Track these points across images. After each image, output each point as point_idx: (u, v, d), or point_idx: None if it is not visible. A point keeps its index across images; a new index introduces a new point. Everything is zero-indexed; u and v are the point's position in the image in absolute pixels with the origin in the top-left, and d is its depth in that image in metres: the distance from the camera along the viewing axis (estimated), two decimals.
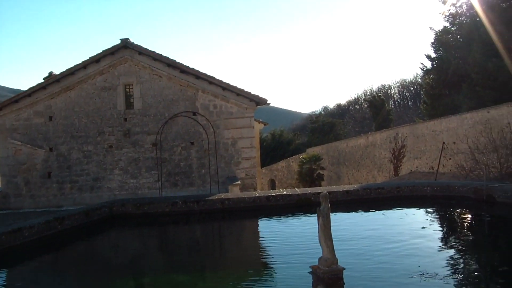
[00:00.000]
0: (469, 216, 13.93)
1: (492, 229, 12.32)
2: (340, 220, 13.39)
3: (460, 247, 10.37)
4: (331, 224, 7.19)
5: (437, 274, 7.99)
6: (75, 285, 9.58)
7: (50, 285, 9.63)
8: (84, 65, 24.37)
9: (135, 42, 24.98)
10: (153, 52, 24.43)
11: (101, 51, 23.89)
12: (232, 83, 24.63)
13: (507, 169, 20.99)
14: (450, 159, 29.75)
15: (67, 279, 10.01)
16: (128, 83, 24.63)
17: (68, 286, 9.55)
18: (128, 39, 24.16)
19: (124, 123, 24.47)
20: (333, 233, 7.16)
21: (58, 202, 24.14)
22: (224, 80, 24.61)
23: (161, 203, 15.65)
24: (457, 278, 7.99)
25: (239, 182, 22.27)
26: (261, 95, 24.55)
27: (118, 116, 24.46)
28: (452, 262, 8.98)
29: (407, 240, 10.92)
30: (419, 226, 12.26)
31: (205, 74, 24.14)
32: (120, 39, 24.16)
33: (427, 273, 8.03)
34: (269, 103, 24.97)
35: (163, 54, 24.76)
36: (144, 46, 24.51)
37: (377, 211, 15.16)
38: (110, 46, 24.42)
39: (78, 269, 10.69)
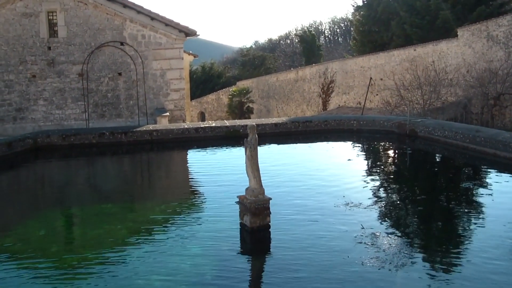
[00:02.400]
0: (393, 149, 14.41)
1: (413, 161, 12.81)
2: (267, 152, 13.53)
3: (383, 178, 10.74)
4: (259, 155, 7.22)
5: (361, 203, 8.27)
6: (1, 217, 9.31)
7: None
8: None
9: None
10: None
11: None
12: (161, 14, 23.91)
13: (430, 105, 21.72)
14: (377, 95, 30.47)
15: None
16: (51, 10, 23.40)
17: None
18: None
19: (48, 52, 23.39)
20: (260, 165, 7.20)
21: None
22: (152, 10, 23.84)
23: (88, 134, 15.26)
24: (380, 207, 8.30)
25: (167, 113, 22.00)
26: (191, 27, 24.04)
27: (41, 45, 23.33)
28: (375, 192, 9.30)
29: (333, 171, 11.20)
30: (345, 158, 12.58)
31: (133, 3, 23.27)
32: None
33: (352, 202, 8.30)
34: (199, 35, 24.55)
35: None
36: None
37: (304, 144, 15.41)
38: None
39: (2, 200, 10.37)
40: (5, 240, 7.59)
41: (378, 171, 11.56)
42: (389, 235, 6.86)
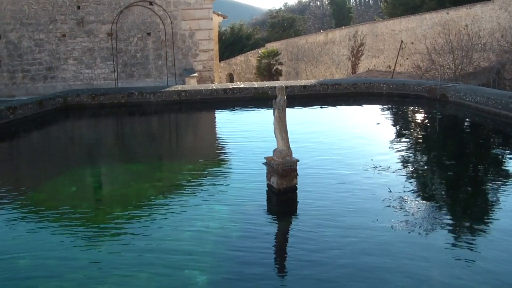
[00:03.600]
0: (422, 113, 14.17)
1: (443, 126, 12.59)
2: (295, 114, 13.43)
3: (412, 142, 10.58)
4: (287, 117, 7.14)
5: (389, 167, 8.17)
6: (32, 173, 9.45)
7: (5, 174, 9.47)
8: None
9: None
10: None
11: None
12: None
13: (461, 70, 21.23)
14: (407, 59, 29.89)
15: (24, 168, 9.85)
16: None
17: (25, 175, 9.42)
18: None
19: (77, 11, 23.38)
20: (288, 126, 7.13)
21: (9, 91, 23.38)
22: None
23: (117, 94, 15.33)
24: (407, 171, 8.19)
25: (196, 74, 21.93)
26: None
27: (71, 4, 23.32)
28: (403, 156, 9.17)
29: (361, 134, 11.07)
30: (374, 122, 12.42)
31: None
32: None
33: (380, 166, 8.21)
34: None
35: None
36: None
37: (333, 107, 15.26)
38: None
39: (34, 158, 10.52)
40: (36, 196, 7.72)
41: (407, 135, 11.39)
42: (417, 200, 6.77)
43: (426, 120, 13.37)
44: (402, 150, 9.64)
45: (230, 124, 13.30)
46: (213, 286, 4.77)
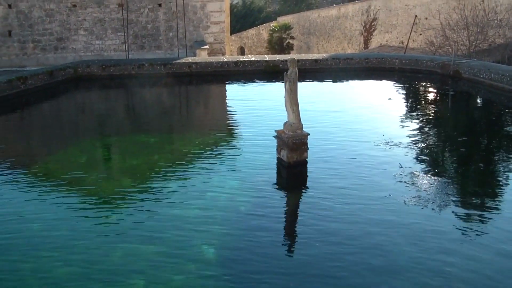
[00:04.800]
0: (435, 89, 14.02)
1: (455, 102, 12.45)
2: (307, 88, 13.32)
3: (423, 118, 10.47)
4: (298, 91, 7.06)
5: (400, 142, 8.09)
6: (43, 143, 9.46)
7: (17, 144, 9.49)
8: None
9: None
10: None
11: None
12: None
13: (476, 47, 20.90)
14: (420, 34, 29.49)
15: (35, 138, 9.87)
16: None
17: (36, 145, 9.44)
18: None
19: None
20: (299, 100, 7.05)
21: (20, 62, 23.36)
22: None
23: (128, 65, 15.27)
24: (419, 146, 8.11)
25: (207, 46, 21.80)
26: None
27: None
28: (415, 132, 9.07)
29: (372, 110, 10.97)
30: (385, 97, 12.30)
31: None
32: None
33: (391, 141, 8.14)
34: None
35: None
36: None
37: (344, 81, 15.13)
38: None
39: (45, 128, 10.53)
40: (47, 166, 7.74)
41: (418, 111, 11.28)
42: (429, 175, 6.69)
43: (439, 96, 13.22)
44: (414, 126, 9.55)
45: (240, 97, 13.23)
46: (221, 259, 4.76)
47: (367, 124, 9.57)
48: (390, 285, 4.33)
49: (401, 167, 6.92)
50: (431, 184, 6.38)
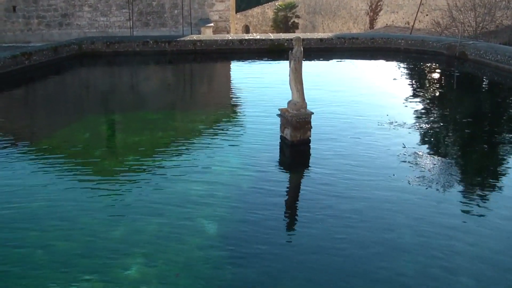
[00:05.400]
0: (440, 71, 13.92)
1: (460, 84, 12.37)
2: (312, 67, 13.25)
3: (428, 99, 10.42)
4: (303, 69, 7.02)
5: (404, 123, 8.06)
6: (47, 119, 9.46)
7: (21, 120, 9.49)
8: None
9: None
10: None
11: None
12: None
13: (483, 28, 20.71)
14: (427, 15, 29.23)
15: (39, 114, 9.87)
16: None
17: (40, 121, 9.43)
18: None
19: None
20: (304, 79, 7.01)
21: (25, 38, 23.26)
22: None
23: (132, 42, 15.17)
24: (423, 127, 8.07)
25: (212, 24, 21.65)
26: None
27: None
28: (419, 113, 9.03)
29: (377, 90, 10.92)
30: (390, 77, 12.22)
31: None
32: None
33: (396, 122, 8.11)
34: None
35: None
36: None
37: (349, 61, 15.03)
38: None
39: (49, 104, 10.51)
40: (51, 141, 7.74)
41: (423, 92, 11.20)
42: (432, 156, 6.68)
43: (444, 78, 13.13)
44: (418, 107, 9.50)
45: (245, 75, 13.16)
46: (222, 235, 4.78)
47: (371, 104, 9.53)
48: (393, 257, 4.36)
49: (405, 147, 6.90)
50: (434, 164, 6.37)
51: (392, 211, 5.13)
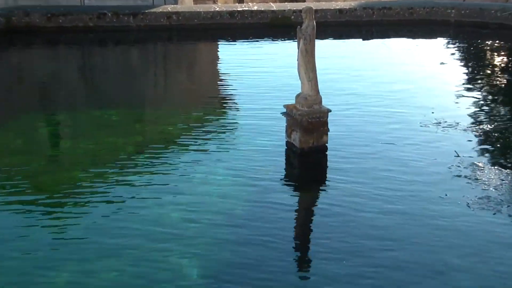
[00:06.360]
0: (506, 51, 13.91)
1: None
2: (328, 48, 13.24)
3: (488, 91, 10.38)
4: (316, 52, 6.93)
5: (457, 123, 8.00)
6: None
7: None
8: None
9: None
10: None
11: None
12: None
13: None
14: None
15: None
16: None
17: None
18: None
19: None
20: (318, 64, 6.92)
21: None
22: None
23: (83, 15, 15.16)
24: (481, 129, 7.98)
25: None
26: None
27: None
28: (477, 110, 8.99)
29: (418, 78, 10.89)
30: (436, 61, 12.21)
31: None
32: None
33: (444, 121, 8.05)
34: None
35: None
36: None
37: (378, 39, 15.03)
38: None
39: None
40: None
41: (482, 81, 11.16)
42: (497, 168, 6.60)
43: (510, 60, 13.12)
44: (476, 101, 9.46)
45: (238, 60, 13.12)
46: (208, 281, 4.67)
47: (410, 98, 9.49)
48: None
49: (458, 156, 6.84)
50: (502, 180, 6.29)
51: (449, 254, 4.98)
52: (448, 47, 14.20)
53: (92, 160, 7.21)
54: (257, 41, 14.49)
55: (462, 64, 12.69)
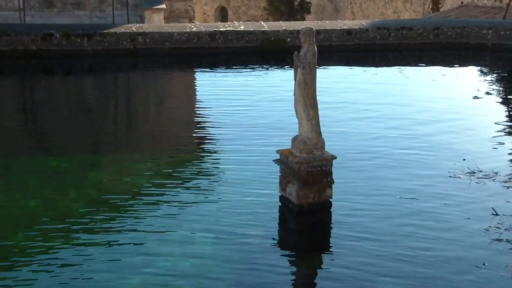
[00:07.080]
0: None
1: None
2: (332, 78, 13.34)
3: None
4: (318, 83, 6.96)
5: (496, 173, 8.03)
6: None
7: None
8: None
9: None
10: None
11: None
12: None
13: None
14: None
15: None
16: None
17: None
18: None
19: None
20: (319, 99, 6.95)
21: None
22: None
23: (24, 35, 15.23)
24: None
25: (163, 6, 21.92)
26: None
27: None
28: None
29: (446, 118, 10.95)
30: (468, 95, 12.29)
31: None
32: None
33: (479, 170, 8.08)
34: None
35: None
36: None
37: (396, 67, 15.15)
38: None
39: None
40: None
41: None
42: None
43: None
44: None
45: (219, 94, 13.22)
46: None
47: (436, 141, 9.55)
48: None
49: (497, 215, 6.84)
50: None
51: None
52: (483, 77, 14.32)
53: (33, 220, 7.17)
54: (244, 69, 14.58)
55: (502, 99, 12.80)
